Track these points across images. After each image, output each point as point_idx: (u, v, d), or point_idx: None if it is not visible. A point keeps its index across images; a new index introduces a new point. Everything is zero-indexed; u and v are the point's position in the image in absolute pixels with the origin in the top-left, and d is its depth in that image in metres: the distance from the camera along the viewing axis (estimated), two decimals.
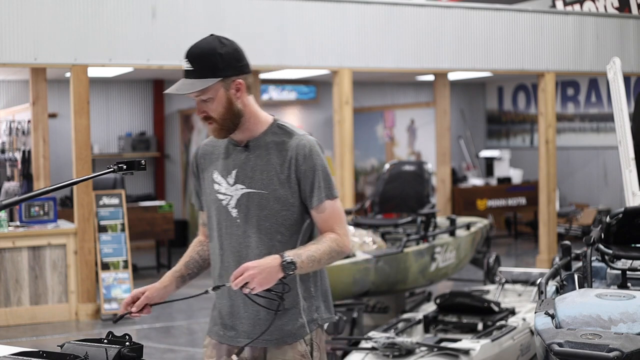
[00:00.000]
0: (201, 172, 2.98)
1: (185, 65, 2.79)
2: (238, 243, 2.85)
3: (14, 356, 2.56)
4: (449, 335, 6.33)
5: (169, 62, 8.74)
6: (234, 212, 2.86)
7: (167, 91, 2.85)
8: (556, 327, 3.71)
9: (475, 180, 14.23)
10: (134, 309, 2.88)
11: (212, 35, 2.84)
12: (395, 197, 8.96)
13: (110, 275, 8.64)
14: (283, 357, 2.87)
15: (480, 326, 6.40)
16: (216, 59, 2.77)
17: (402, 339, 5.63)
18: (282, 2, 9.40)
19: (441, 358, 5.55)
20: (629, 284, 4.66)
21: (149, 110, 13.80)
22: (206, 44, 2.79)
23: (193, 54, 2.79)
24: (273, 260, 2.69)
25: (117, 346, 2.53)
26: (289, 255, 2.71)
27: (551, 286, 4.60)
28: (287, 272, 2.69)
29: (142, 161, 2.77)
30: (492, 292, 7.40)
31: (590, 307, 3.76)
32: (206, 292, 2.81)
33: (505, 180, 14.05)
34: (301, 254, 2.73)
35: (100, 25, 8.49)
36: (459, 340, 5.92)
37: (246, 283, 2.64)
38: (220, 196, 2.89)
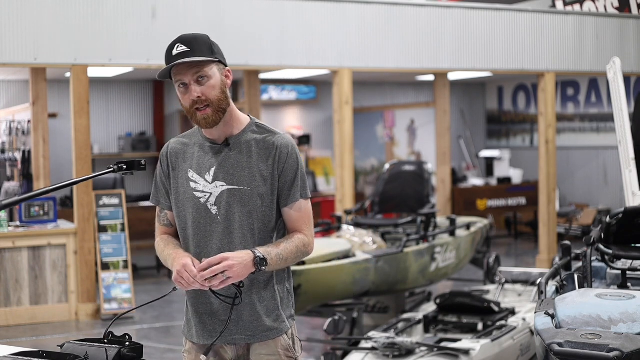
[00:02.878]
0: (172, 170, 2.94)
1: (179, 49, 2.79)
2: (219, 240, 2.84)
3: (14, 356, 2.56)
4: (449, 335, 6.33)
5: None
6: (214, 210, 2.84)
7: (164, 69, 2.83)
8: (556, 327, 3.71)
9: (475, 180, 14.23)
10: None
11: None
12: (395, 197, 8.96)
13: (110, 275, 8.64)
14: (267, 352, 2.89)
15: (480, 326, 6.40)
16: (211, 44, 2.84)
17: (402, 339, 5.63)
18: (282, 2, 9.40)
19: (441, 358, 5.55)
20: (629, 284, 4.66)
21: (149, 110, 13.80)
22: (196, 34, 2.86)
23: (187, 39, 2.82)
24: (247, 255, 2.73)
25: (117, 346, 2.53)
26: (261, 251, 2.75)
27: (551, 286, 4.60)
28: (259, 267, 2.74)
29: (142, 161, 2.78)
30: (492, 292, 7.40)
31: (590, 307, 3.76)
32: (174, 289, 2.81)
33: (505, 180, 14.05)
34: (271, 252, 2.78)
35: (100, 25, 8.50)
36: (459, 340, 5.93)
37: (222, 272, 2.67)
38: (198, 194, 2.87)
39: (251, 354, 2.91)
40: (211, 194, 2.85)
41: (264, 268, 2.74)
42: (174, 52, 2.80)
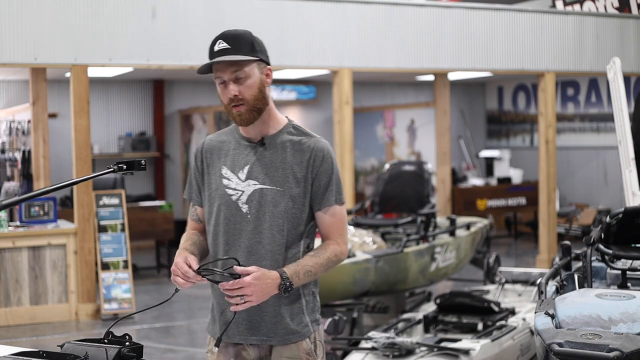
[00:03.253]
0: (206, 167, 2.95)
1: (220, 45, 2.77)
2: (248, 239, 2.83)
3: (14, 356, 2.56)
4: (449, 335, 6.33)
5: (169, 62, 8.74)
6: (245, 208, 2.84)
7: (204, 65, 2.79)
8: (556, 327, 3.71)
9: (475, 180, 14.23)
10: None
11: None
12: (395, 197, 8.97)
13: (110, 275, 8.64)
14: (289, 354, 2.87)
15: (480, 326, 6.40)
16: (253, 41, 2.82)
17: (402, 339, 5.63)
18: (282, 2, 9.40)
19: (441, 358, 5.55)
20: (629, 284, 4.66)
21: (149, 110, 13.80)
22: (239, 30, 2.84)
23: (229, 35, 2.80)
24: (274, 280, 2.71)
25: (117, 346, 2.53)
26: (288, 273, 2.74)
27: (551, 286, 4.60)
28: (282, 292, 2.73)
29: (142, 161, 2.77)
30: (492, 292, 7.40)
31: (590, 307, 3.76)
32: (176, 290, 2.75)
33: (505, 180, 14.05)
34: (299, 272, 2.77)
35: (100, 25, 8.50)
36: (459, 340, 5.92)
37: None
38: (230, 191, 2.86)
39: (273, 356, 2.89)
40: (243, 192, 2.85)
41: (286, 294, 2.75)
42: (216, 47, 2.79)
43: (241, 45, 2.78)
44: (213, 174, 2.92)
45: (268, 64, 2.87)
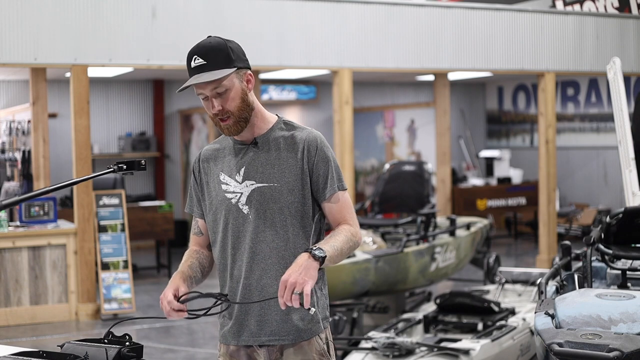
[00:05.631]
0: (204, 177, 2.95)
1: (196, 62, 2.76)
2: (251, 239, 2.83)
3: (14, 356, 2.56)
4: (449, 335, 6.33)
5: (169, 62, 8.74)
6: (245, 209, 2.84)
7: (183, 86, 2.81)
8: (556, 327, 3.71)
9: (475, 180, 14.23)
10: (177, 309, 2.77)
11: (210, 36, 2.85)
12: (395, 197, 8.97)
13: (110, 275, 8.64)
14: (301, 356, 2.85)
15: (480, 326, 6.40)
16: (228, 51, 2.78)
17: (402, 339, 5.63)
18: (282, 2, 9.40)
19: (441, 358, 5.55)
20: (629, 284, 4.66)
21: (149, 110, 13.80)
22: (213, 41, 2.81)
23: (203, 49, 2.78)
24: (300, 257, 2.64)
25: (117, 346, 2.53)
26: (314, 246, 2.68)
27: (551, 286, 4.60)
28: (318, 258, 2.63)
29: (142, 161, 2.77)
30: (492, 292, 7.40)
31: (590, 307, 3.76)
32: (213, 306, 2.73)
33: (505, 180, 14.05)
34: (323, 245, 2.70)
35: (100, 25, 8.50)
36: (459, 340, 5.93)
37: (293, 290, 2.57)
38: (229, 195, 2.86)
39: (284, 358, 2.87)
40: (242, 193, 2.85)
41: (323, 257, 2.64)
42: (192, 64, 2.78)
43: (217, 58, 2.76)
44: (212, 183, 2.92)
45: (248, 67, 2.85)
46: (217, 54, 2.76)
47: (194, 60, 2.77)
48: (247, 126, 2.84)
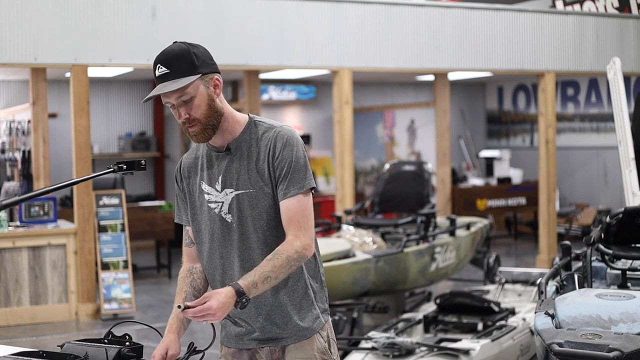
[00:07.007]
0: (187, 186, 2.93)
1: (160, 71, 2.72)
2: (238, 247, 2.81)
3: (14, 356, 2.56)
4: (449, 335, 6.33)
5: None
6: (228, 218, 2.82)
7: (147, 97, 2.76)
8: (556, 327, 3.71)
9: (475, 180, 14.23)
10: None
11: (175, 42, 2.82)
12: (395, 197, 8.97)
13: (110, 275, 8.64)
14: (303, 355, 2.85)
15: (480, 326, 6.40)
16: (192, 57, 2.74)
17: (402, 339, 5.63)
18: (282, 2, 9.40)
19: (441, 358, 5.55)
20: (629, 284, 4.66)
21: (149, 110, 13.80)
22: (176, 47, 2.77)
23: (166, 57, 2.74)
24: (231, 298, 2.58)
25: (117, 346, 2.53)
26: (244, 286, 2.61)
27: (551, 286, 4.60)
28: (239, 307, 2.62)
29: (142, 161, 2.77)
30: (492, 292, 7.40)
31: (590, 307, 3.76)
32: (178, 307, 2.71)
33: (505, 180, 14.05)
34: (256, 282, 2.64)
35: (100, 25, 8.50)
36: (459, 340, 5.93)
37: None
38: (212, 205, 2.84)
39: (286, 358, 2.86)
40: (223, 202, 2.83)
41: (242, 307, 2.63)
42: (156, 73, 2.74)
43: (180, 65, 2.71)
44: (194, 192, 2.90)
45: (214, 71, 2.78)
46: (180, 61, 2.71)
47: (158, 69, 2.73)
48: (216, 132, 2.79)
